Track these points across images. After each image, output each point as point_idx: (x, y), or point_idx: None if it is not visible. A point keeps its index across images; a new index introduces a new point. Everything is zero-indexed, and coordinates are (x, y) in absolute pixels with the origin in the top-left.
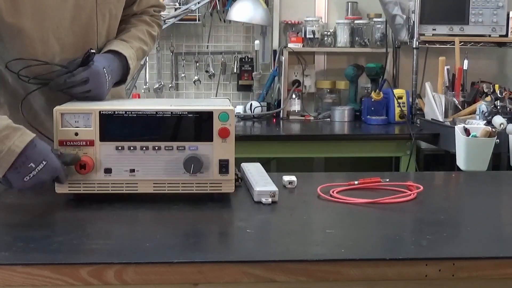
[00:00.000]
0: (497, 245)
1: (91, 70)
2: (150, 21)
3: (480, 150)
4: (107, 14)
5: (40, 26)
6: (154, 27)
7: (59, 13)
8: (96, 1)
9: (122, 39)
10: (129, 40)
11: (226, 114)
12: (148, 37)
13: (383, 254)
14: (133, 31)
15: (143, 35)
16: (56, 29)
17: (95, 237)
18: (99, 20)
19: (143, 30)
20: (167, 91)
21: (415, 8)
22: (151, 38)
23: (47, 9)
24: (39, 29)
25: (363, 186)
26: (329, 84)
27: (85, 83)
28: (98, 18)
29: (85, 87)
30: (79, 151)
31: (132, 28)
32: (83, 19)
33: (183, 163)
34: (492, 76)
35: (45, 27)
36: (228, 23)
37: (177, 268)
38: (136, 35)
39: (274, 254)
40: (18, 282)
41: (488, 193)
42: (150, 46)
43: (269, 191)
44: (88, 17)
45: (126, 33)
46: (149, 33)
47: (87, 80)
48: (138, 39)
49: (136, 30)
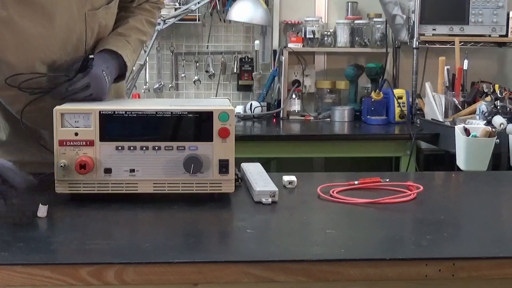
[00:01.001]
0: (497, 245)
1: (91, 75)
2: (150, 8)
3: (480, 150)
4: (96, 27)
5: (25, 57)
6: (154, 13)
7: (47, 41)
8: (85, 19)
9: (119, 33)
10: (126, 32)
11: (226, 114)
12: (147, 26)
13: (383, 254)
14: (131, 22)
15: (141, 25)
16: (44, 56)
17: (95, 237)
18: (88, 34)
19: (141, 20)
20: (167, 91)
21: (415, 8)
22: (150, 25)
23: (31, 40)
24: (24, 60)
25: (363, 186)
26: (329, 84)
27: (86, 88)
28: (88, 34)
29: (86, 92)
30: (79, 151)
31: (130, 19)
32: (74, 39)
33: (183, 163)
34: (492, 76)
35: (30, 58)
36: (228, 23)
37: (177, 268)
38: (134, 26)
39: (274, 254)
40: (18, 282)
41: (488, 193)
42: (149, 34)
43: (269, 191)
44: (79, 36)
45: (123, 25)
46: (148, 21)
47: (88, 85)
48: (136, 30)
49: (134, 20)
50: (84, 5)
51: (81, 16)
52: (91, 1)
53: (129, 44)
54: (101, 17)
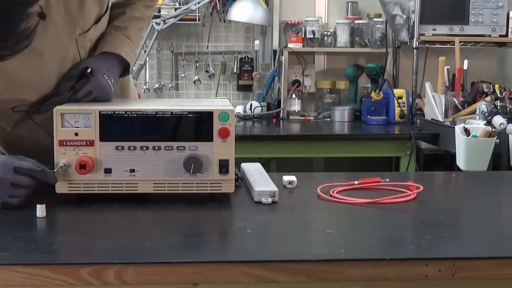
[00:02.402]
0: (497, 245)
1: (92, 82)
2: None
3: (480, 150)
4: (88, 44)
5: (19, 94)
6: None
7: (40, 75)
8: (76, 43)
9: (116, 27)
10: (124, 25)
11: (226, 114)
12: (144, 11)
13: (383, 254)
14: (128, 12)
15: (139, 13)
16: (39, 88)
17: (95, 237)
18: (81, 54)
19: (138, 7)
20: (167, 91)
21: (415, 8)
22: (148, 8)
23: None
24: (21, 95)
25: (363, 186)
26: (329, 84)
27: (89, 94)
28: (81, 53)
29: (90, 98)
30: (79, 151)
31: (126, 9)
32: (68, 63)
33: (183, 163)
34: (492, 76)
35: (22, 93)
36: (228, 23)
37: (177, 268)
38: (132, 15)
39: (274, 254)
40: (18, 282)
41: (488, 193)
42: (148, 17)
43: (269, 191)
44: (72, 58)
45: (121, 16)
46: (145, 5)
47: (91, 92)
48: (134, 20)
49: (131, 10)
50: (73, 32)
51: (72, 42)
52: (81, 26)
53: (127, 38)
54: (92, 35)
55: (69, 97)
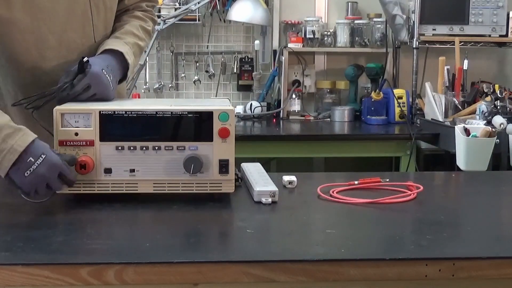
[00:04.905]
0: (497, 245)
1: (90, 75)
2: (143, 16)
3: (480, 150)
4: (101, 5)
5: (32, 18)
6: (148, 22)
7: (52, 5)
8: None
9: (116, 37)
10: (123, 36)
11: (226, 114)
12: (142, 32)
13: (383, 254)
14: (126, 27)
15: (137, 31)
16: (49, 21)
17: (95, 237)
18: (93, 12)
19: (136, 26)
20: (167, 91)
21: (415, 8)
22: (145, 33)
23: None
24: (30, 21)
25: (363, 186)
26: (329, 84)
27: (88, 89)
28: (93, 11)
29: (89, 93)
30: (79, 151)
31: (125, 25)
32: (78, 11)
33: (183, 163)
34: (492, 76)
35: (37, 19)
36: (228, 23)
37: (177, 268)
38: (130, 31)
39: (274, 254)
40: (18, 282)
41: (488, 193)
42: (145, 41)
43: (269, 191)
44: (83, 9)
45: (119, 30)
46: (143, 28)
47: (89, 86)
48: (132, 34)
49: (130, 26)
50: None
51: None
52: None
53: (127, 45)
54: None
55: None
